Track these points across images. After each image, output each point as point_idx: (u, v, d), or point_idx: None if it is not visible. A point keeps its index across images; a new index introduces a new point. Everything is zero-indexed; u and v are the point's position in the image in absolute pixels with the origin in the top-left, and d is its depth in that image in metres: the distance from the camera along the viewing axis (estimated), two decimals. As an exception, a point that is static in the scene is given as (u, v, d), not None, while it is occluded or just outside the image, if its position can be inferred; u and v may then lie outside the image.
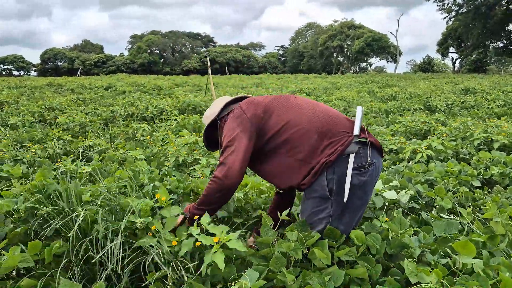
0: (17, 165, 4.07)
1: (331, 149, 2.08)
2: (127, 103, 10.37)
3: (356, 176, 2.08)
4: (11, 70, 79.23)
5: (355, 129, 2.12)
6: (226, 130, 2.22)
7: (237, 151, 2.11)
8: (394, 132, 6.66)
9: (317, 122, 2.15)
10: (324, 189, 2.09)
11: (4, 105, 10.89)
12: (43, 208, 2.38)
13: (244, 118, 2.19)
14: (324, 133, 2.12)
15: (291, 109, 2.22)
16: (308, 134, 2.12)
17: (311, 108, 2.24)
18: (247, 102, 2.31)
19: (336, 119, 2.19)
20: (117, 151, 4.86)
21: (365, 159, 2.10)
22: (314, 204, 2.17)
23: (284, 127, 2.16)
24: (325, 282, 1.86)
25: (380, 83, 20.60)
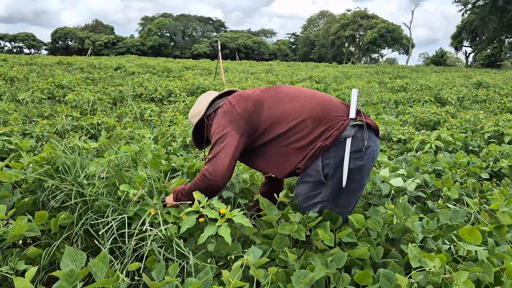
0: (26, 138, 4.10)
1: (326, 133, 2.06)
2: (136, 83, 10.36)
3: (353, 160, 2.05)
4: (22, 48, 79.52)
5: (350, 113, 2.09)
6: (215, 125, 2.15)
7: (227, 148, 2.07)
8: (403, 122, 6.60)
9: (311, 110, 2.11)
10: (319, 174, 2.08)
11: (14, 81, 10.95)
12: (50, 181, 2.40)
13: (234, 114, 2.13)
14: (319, 119, 2.09)
15: (282, 100, 2.17)
16: (303, 123, 2.09)
17: (303, 97, 2.19)
18: (236, 96, 2.23)
19: (330, 104, 2.15)
20: (125, 130, 4.87)
21: (362, 143, 2.07)
22: (308, 189, 2.15)
23: (277, 119, 2.12)
24: (327, 263, 1.85)
25: (391, 74, 20.38)
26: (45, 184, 2.50)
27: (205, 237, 1.90)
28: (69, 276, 1.48)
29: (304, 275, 1.72)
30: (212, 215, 1.93)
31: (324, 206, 2.16)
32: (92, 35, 74.75)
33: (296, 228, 2.04)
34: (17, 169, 2.76)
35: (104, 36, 74.03)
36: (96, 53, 63.75)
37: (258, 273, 1.70)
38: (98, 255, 1.59)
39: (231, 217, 1.94)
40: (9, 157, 3.55)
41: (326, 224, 2.11)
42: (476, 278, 1.78)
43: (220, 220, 1.93)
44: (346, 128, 2.05)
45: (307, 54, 74.08)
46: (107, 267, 1.54)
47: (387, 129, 5.56)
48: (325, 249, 2.07)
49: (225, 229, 1.90)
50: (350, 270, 2.00)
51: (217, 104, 2.32)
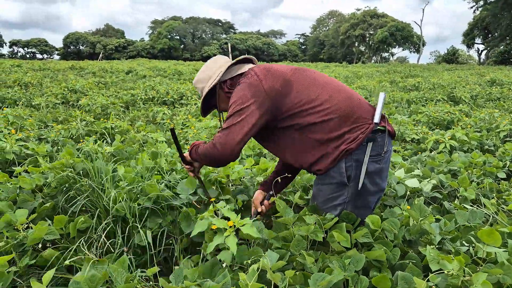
0: (42, 143, 4.17)
1: (351, 134, 2.01)
2: (148, 87, 10.45)
3: (372, 163, 2.04)
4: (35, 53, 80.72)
5: (376, 116, 2.04)
6: (237, 95, 2.00)
7: (243, 124, 1.95)
8: (416, 122, 6.55)
9: (339, 104, 2.04)
10: (343, 176, 2.05)
11: (29, 87, 11.11)
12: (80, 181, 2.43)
13: (260, 89, 1.98)
14: (346, 116, 2.03)
15: (312, 86, 2.06)
16: (329, 115, 2.01)
17: (333, 87, 2.10)
18: (263, 70, 2.07)
19: (358, 103, 2.10)
20: (138, 133, 4.92)
21: (381, 147, 2.06)
22: (330, 191, 2.11)
23: (303, 106, 2.01)
24: (345, 266, 1.85)
25: (403, 73, 20.21)
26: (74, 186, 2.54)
27: (212, 246, 1.90)
28: (91, 281, 1.50)
29: (322, 278, 1.71)
30: (220, 224, 1.94)
31: (345, 208, 2.14)
32: (103, 39, 75.57)
33: (313, 229, 2.03)
34: (36, 174, 2.81)
35: (115, 40, 74.78)
36: (107, 57, 64.44)
37: (275, 276, 1.70)
38: (118, 260, 1.60)
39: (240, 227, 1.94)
40: (26, 161, 3.61)
41: (342, 225, 2.10)
42: (497, 280, 1.76)
43: (229, 230, 1.93)
44: (370, 132, 2.03)
45: (316, 54, 73.88)
46: (126, 272, 1.56)
47: (400, 129, 5.52)
48: (342, 251, 2.06)
49: (232, 239, 1.89)
50: (367, 272, 1.99)
51: (233, 70, 2.17)
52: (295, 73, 2.10)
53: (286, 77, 2.05)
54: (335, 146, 2.02)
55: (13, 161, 3.70)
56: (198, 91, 2.27)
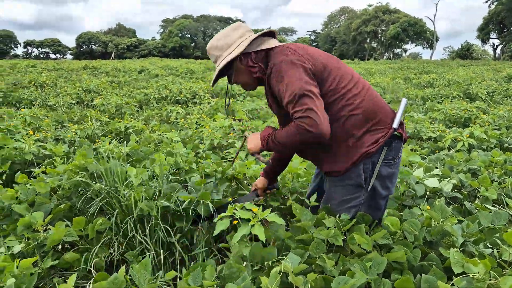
0: (59, 144, 4.21)
1: (372, 136, 1.98)
2: (161, 86, 10.50)
3: (385, 168, 2.03)
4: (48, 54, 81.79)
5: (395, 122, 2.02)
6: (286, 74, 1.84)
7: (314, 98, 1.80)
8: (433, 119, 6.45)
9: (366, 101, 1.98)
10: (361, 178, 2.02)
11: (44, 87, 11.25)
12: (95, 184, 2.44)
13: (307, 65, 1.86)
14: (370, 116, 1.99)
15: (346, 76, 1.97)
16: (356, 110, 1.95)
17: (361, 82, 2.04)
18: (301, 48, 1.95)
19: (381, 104, 2.06)
20: (153, 133, 4.93)
21: (395, 153, 2.05)
22: (346, 192, 2.08)
23: (335, 95, 1.92)
24: (367, 269, 1.82)
25: (416, 70, 19.97)
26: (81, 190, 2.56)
27: (238, 237, 1.88)
28: (114, 283, 1.50)
29: (344, 281, 1.69)
30: (245, 216, 1.92)
31: (359, 210, 2.12)
32: (115, 39, 76.18)
33: (333, 233, 2.01)
34: (53, 176, 2.83)
35: (126, 39, 75.35)
36: (119, 56, 64.97)
37: (297, 280, 1.68)
38: (140, 262, 1.60)
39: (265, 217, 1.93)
40: (44, 162, 3.65)
41: (361, 227, 2.07)
42: (525, 284, 1.72)
43: (253, 219, 1.91)
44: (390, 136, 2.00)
45: (328, 51, 73.04)
46: (149, 274, 1.55)
47: (417, 127, 5.44)
48: (361, 253, 2.03)
49: (259, 228, 1.87)
50: (387, 274, 1.97)
51: (255, 44, 2.03)
52: (330, 59, 2.01)
53: (324, 61, 1.95)
54: (353, 145, 1.98)
55: (31, 162, 3.74)
56: (211, 58, 2.11)
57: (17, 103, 8.65)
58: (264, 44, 2.02)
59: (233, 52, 1.99)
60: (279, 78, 1.86)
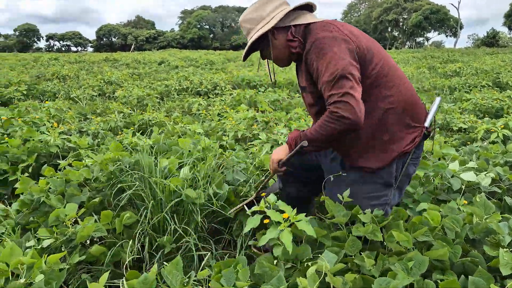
0: (83, 136, 4.20)
1: (410, 135, 1.88)
2: (182, 77, 10.47)
3: (411, 166, 1.98)
4: (70, 46, 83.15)
5: (427, 120, 1.93)
6: (328, 51, 1.68)
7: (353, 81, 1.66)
8: (463, 110, 6.22)
9: (405, 94, 1.85)
10: (392, 177, 1.93)
11: (66, 79, 11.38)
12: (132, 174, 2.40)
13: (351, 46, 1.70)
14: (408, 111, 1.87)
15: (387, 63, 1.82)
16: (395, 102, 1.81)
17: (401, 73, 1.89)
18: (344, 26, 1.78)
19: (418, 101, 1.95)
20: (176, 125, 4.89)
21: (420, 152, 1.98)
22: (372, 190, 1.96)
23: (378, 81, 1.76)
24: (408, 268, 1.71)
25: (441, 59, 19.42)
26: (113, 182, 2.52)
27: (265, 239, 1.81)
28: (144, 283, 1.44)
29: (386, 283, 1.59)
30: (275, 217, 1.84)
31: (382, 209, 2.01)
32: (134, 31, 76.81)
33: (371, 229, 1.91)
34: (79, 168, 2.80)
35: (145, 31, 75.89)
36: (138, 48, 65.49)
37: (336, 280, 1.59)
38: (171, 262, 1.54)
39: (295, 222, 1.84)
40: (69, 155, 3.64)
41: (400, 223, 1.96)
42: None
43: (283, 224, 1.83)
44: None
45: (348, 41, 72.31)
46: (181, 274, 1.49)
47: (447, 118, 5.25)
48: (400, 251, 1.93)
49: (287, 235, 1.79)
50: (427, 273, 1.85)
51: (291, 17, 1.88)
52: (373, 42, 1.86)
53: (369, 43, 1.79)
54: (389, 142, 1.86)
55: (56, 154, 3.73)
56: (243, 30, 1.98)
57: (40, 95, 8.74)
58: (301, 19, 1.87)
59: (266, 26, 1.85)
60: (320, 55, 1.69)
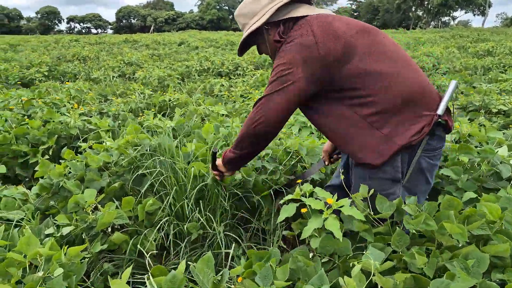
0: (103, 118, 4.08)
1: (414, 126, 1.65)
2: (202, 58, 10.27)
3: (425, 159, 1.73)
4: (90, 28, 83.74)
5: (440, 108, 1.68)
6: (285, 56, 1.62)
7: (287, 92, 1.62)
8: (501, 90, 5.85)
9: (407, 84, 1.65)
10: (398, 171, 1.72)
11: (86, 60, 11.33)
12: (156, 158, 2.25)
13: (314, 54, 1.58)
14: (411, 101, 1.65)
15: (379, 55, 1.66)
16: (392, 94, 1.63)
17: (403, 61, 1.70)
18: (322, 26, 1.63)
19: (427, 88, 1.72)
20: (198, 106, 4.71)
21: (437, 143, 1.74)
22: (380, 187, 1.75)
23: (363, 78, 1.62)
24: (468, 267, 1.51)
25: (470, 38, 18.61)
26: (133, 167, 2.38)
27: (310, 230, 1.62)
28: (172, 282, 1.28)
29: (444, 285, 1.39)
30: (316, 206, 1.64)
31: None
32: (154, 12, 76.67)
33: (424, 219, 1.69)
34: (100, 151, 2.67)
35: (164, 13, 75.68)
36: (157, 29, 65.39)
37: (385, 282, 1.40)
38: (202, 258, 1.37)
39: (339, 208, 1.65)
40: (89, 136, 3.52)
41: (451, 214, 1.74)
42: None
43: (326, 211, 1.64)
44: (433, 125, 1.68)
45: (370, 21, 70.55)
46: (213, 272, 1.32)
47: (485, 99, 4.92)
48: (453, 246, 1.72)
49: (334, 222, 1.60)
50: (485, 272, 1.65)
51: (285, 10, 1.76)
52: (361, 35, 1.66)
53: (349, 39, 1.62)
54: (391, 134, 1.65)
55: (76, 136, 3.62)
56: (239, 25, 1.91)
57: (61, 76, 8.70)
58: (294, 12, 1.73)
59: (258, 21, 1.75)
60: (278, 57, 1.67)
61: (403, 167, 1.72)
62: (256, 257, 1.74)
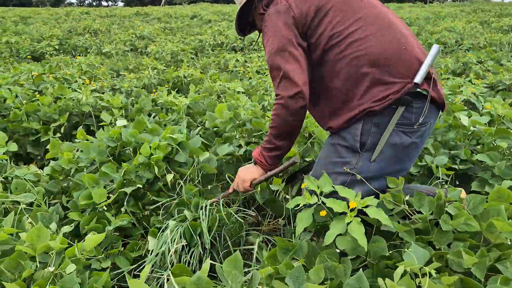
0: (116, 94, 3.93)
1: (381, 92, 1.54)
2: (216, 32, 9.98)
3: (399, 134, 1.60)
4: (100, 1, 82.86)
5: (418, 75, 1.54)
6: (270, 27, 1.65)
7: (294, 58, 1.60)
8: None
9: (379, 46, 1.56)
10: (355, 140, 1.62)
11: (98, 34, 11.12)
12: None
13: (290, 16, 1.61)
14: (381, 65, 1.54)
15: (352, 16, 1.61)
16: (360, 58, 1.56)
17: (381, 24, 1.61)
18: None
19: (402, 53, 1.57)
20: (214, 83, 4.53)
21: (416, 117, 1.59)
22: (336, 154, 1.67)
23: (332, 39, 1.59)
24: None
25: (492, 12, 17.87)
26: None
27: (332, 236, 1.45)
28: (196, 284, 1.15)
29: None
30: (338, 207, 1.48)
31: (347, 182, 1.65)
32: (165, -15, 75.48)
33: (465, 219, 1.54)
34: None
35: (176, -15, 74.42)
36: (168, 2, 64.37)
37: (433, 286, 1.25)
38: (229, 258, 1.23)
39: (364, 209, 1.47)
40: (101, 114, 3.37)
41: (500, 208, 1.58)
42: None
43: (350, 214, 1.47)
44: (406, 93, 1.54)
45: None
46: (241, 274, 1.18)
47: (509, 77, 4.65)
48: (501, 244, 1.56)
49: (358, 227, 1.42)
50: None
51: None
52: None
53: (322, 1, 1.63)
54: (354, 99, 1.59)
55: (89, 114, 3.48)
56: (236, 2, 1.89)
57: (72, 50, 8.54)
58: None
59: None
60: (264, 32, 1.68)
61: (365, 138, 1.60)
62: (281, 249, 1.61)
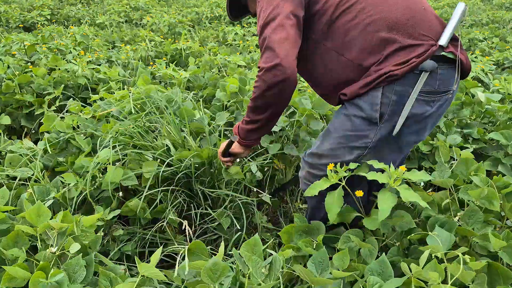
0: (113, 67, 3.77)
1: (401, 56, 1.37)
2: (213, 3, 9.68)
3: (421, 104, 1.42)
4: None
5: (443, 36, 1.37)
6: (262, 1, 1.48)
7: (283, 27, 1.40)
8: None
9: (393, 10, 1.39)
10: (375, 110, 1.43)
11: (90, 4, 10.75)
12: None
13: None
14: (398, 29, 1.38)
15: None
16: (375, 24, 1.39)
17: None
18: None
19: (421, 14, 1.42)
20: (214, 56, 4.37)
21: (441, 83, 1.41)
22: (352, 126, 1.49)
23: (340, 5, 1.43)
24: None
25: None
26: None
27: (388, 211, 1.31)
28: (212, 271, 1.06)
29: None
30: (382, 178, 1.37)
31: (364, 154, 1.52)
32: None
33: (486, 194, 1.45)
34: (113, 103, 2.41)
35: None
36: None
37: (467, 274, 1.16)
38: (247, 242, 1.14)
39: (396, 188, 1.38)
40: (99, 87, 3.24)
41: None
42: None
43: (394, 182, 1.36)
44: (430, 56, 1.36)
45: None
46: (261, 260, 1.09)
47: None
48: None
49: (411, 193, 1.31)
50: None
51: None
52: None
53: None
54: (375, 68, 1.40)
55: (85, 86, 3.33)
56: None
57: (65, 21, 8.24)
58: None
59: None
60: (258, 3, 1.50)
61: (384, 107, 1.42)
62: (297, 230, 1.52)
